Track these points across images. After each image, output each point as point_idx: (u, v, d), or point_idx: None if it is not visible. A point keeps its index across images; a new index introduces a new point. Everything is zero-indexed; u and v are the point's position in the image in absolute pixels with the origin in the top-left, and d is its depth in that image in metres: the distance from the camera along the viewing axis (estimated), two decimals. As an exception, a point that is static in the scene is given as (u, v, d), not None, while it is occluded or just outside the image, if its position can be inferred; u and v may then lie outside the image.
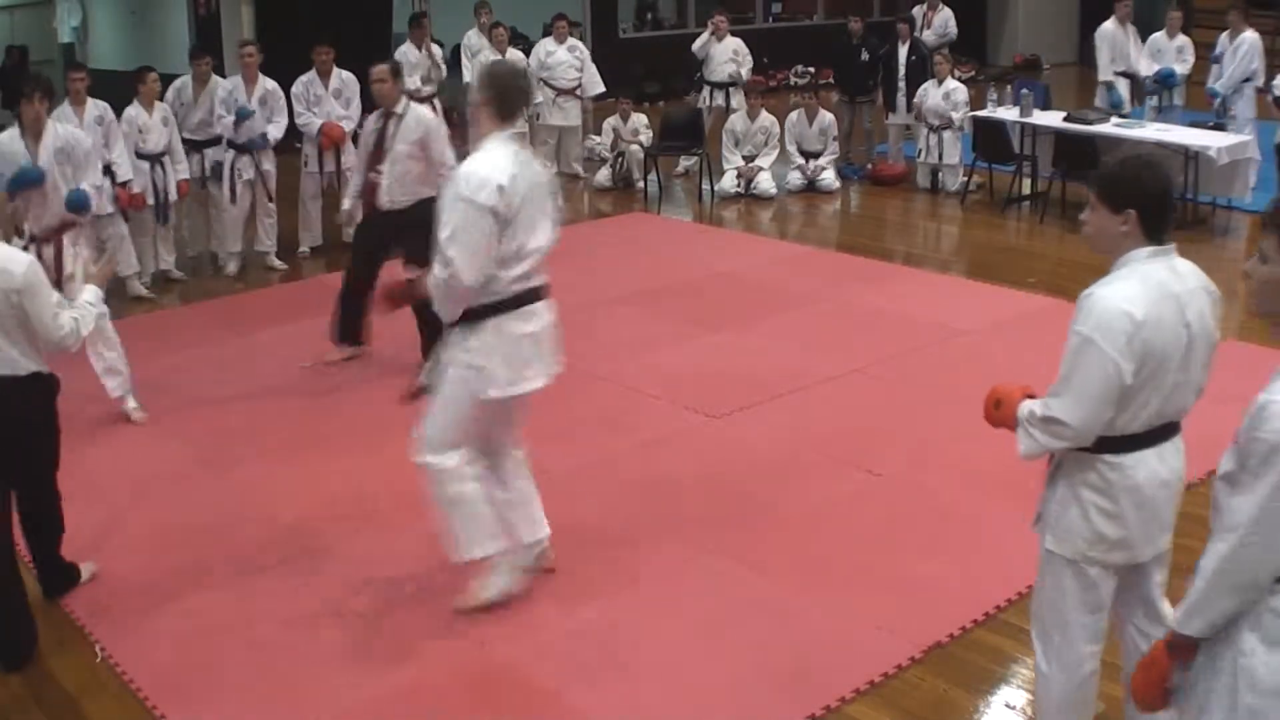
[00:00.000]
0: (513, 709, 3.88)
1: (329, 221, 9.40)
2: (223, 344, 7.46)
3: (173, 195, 8.55)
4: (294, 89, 9.19)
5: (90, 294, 4.49)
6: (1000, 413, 3.16)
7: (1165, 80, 11.29)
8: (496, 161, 4.01)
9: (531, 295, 4.16)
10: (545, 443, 5.83)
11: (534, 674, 4.02)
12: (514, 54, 11.14)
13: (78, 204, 6.48)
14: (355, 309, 6.79)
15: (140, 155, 8.28)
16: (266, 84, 8.92)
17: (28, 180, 6.29)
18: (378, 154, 6.61)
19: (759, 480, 5.37)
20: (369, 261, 6.65)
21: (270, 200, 9.05)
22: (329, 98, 9.11)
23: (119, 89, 8.48)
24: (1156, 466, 3.05)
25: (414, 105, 6.79)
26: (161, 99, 8.58)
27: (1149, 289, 2.90)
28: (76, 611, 4.52)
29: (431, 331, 5.32)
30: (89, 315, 4.37)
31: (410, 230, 5.84)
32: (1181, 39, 11.46)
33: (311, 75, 9.16)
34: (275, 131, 8.92)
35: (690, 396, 6.31)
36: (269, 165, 9.01)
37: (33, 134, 6.47)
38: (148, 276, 8.62)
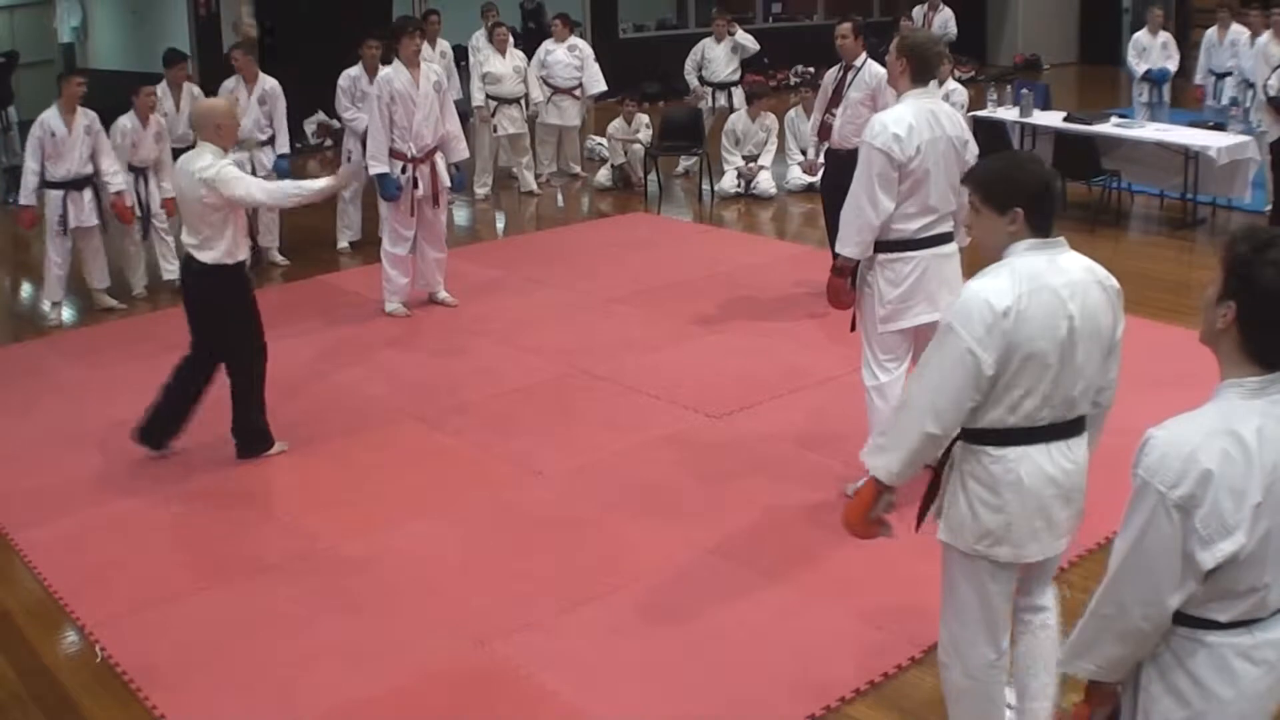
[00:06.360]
0: (513, 709, 3.88)
1: (369, 216, 9.37)
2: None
3: (154, 209, 8.33)
4: (340, 82, 9.20)
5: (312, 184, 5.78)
6: (851, 508, 3.20)
7: (1157, 78, 11.30)
8: (900, 115, 4.56)
9: (921, 243, 4.69)
10: (545, 443, 5.85)
11: (534, 674, 4.02)
12: (515, 54, 11.13)
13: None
14: None
15: (129, 167, 8.15)
16: (265, 84, 8.81)
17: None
18: (835, 99, 7.36)
19: (759, 480, 5.37)
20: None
21: None
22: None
23: (119, 90, 8.43)
24: (1043, 464, 2.98)
25: (870, 61, 7.25)
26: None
27: (1018, 281, 2.89)
28: (77, 612, 4.53)
29: None
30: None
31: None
32: (1164, 35, 11.46)
33: (359, 70, 9.07)
34: (284, 153, 8.87)
35: (690, 396, 6.30)
36: (267, 161, 8.80)
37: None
38: (141, 287, 8.46)
